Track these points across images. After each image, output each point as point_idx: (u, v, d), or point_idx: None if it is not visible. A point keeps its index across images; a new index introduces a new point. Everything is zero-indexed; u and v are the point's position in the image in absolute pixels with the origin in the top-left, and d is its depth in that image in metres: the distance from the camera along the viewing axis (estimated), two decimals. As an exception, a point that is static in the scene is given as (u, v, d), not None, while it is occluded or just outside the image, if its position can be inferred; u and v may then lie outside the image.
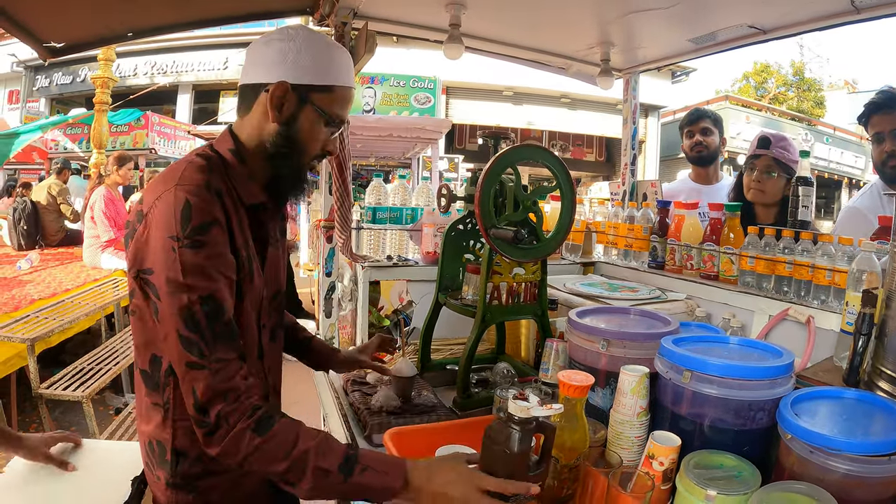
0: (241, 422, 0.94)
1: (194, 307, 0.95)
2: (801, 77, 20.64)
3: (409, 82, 12.60)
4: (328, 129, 1.15)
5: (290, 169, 1.15)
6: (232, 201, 1.07)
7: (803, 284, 1.66)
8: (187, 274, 0.95)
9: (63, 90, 14.62)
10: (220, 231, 1.00)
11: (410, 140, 6.21)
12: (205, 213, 0.98)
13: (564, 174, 1.41)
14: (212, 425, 0.94)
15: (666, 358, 1.14)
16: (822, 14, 1.81)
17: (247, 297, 1.10)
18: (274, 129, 1.11)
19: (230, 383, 0.96)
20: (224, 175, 1.09)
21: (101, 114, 6.86)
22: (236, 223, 1.07)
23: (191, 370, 0.95)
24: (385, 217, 2.35)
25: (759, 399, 1.05)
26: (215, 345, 0.96)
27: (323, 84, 1.11)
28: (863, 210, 2.07)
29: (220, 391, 0.94)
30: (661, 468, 1.01)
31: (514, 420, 0.90)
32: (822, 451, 0.89)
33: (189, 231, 0.96)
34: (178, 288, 0.95)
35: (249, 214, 1.13)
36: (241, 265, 1.07)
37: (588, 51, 2.31)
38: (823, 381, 1.29)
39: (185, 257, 0.95)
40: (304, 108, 1.11)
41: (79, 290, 4.29)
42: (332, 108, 1.13)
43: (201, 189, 1.00)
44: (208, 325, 0.96)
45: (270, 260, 1.21)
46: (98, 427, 3.00)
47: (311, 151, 1.15)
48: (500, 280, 1.46)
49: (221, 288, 0.99)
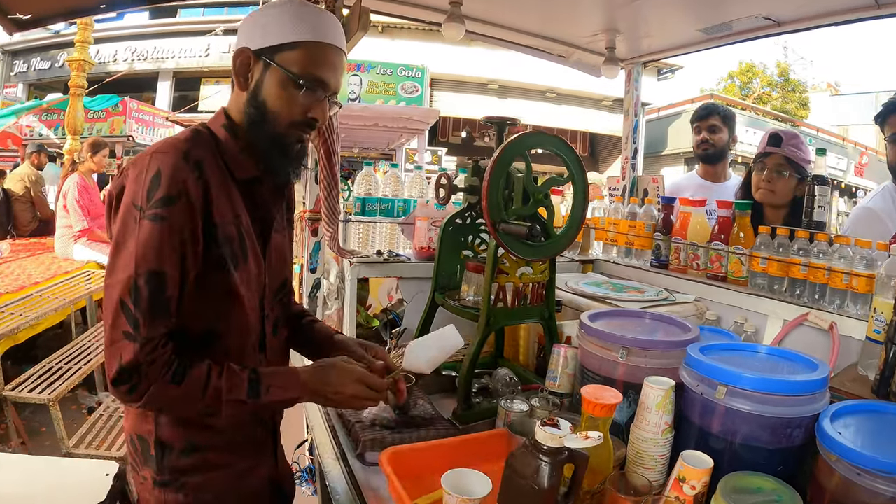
0: (162, 376, 0.95)
1: (139, 280, 0.94)
2: (785, 78, 20.81)
3: (397, 70, 12.41)
4: (306, 93, 1.05)
5: (267, 139, 1.07)
6: (218, 173, 1.03)
7: (818, 288, 1.58)
8: (140, 246, 0.94)
9: (41, 75, 14.31)
10: (186, 204, 0.96)
11: (396, 130, 6.06)
12: (174, 183, 0.95)
13: (578, 165, 1.29)
14: (132, 383, 0.94)
15: (694, 369, 1.04)
16: (842, 8, 1.73)
17: (239, 276, 1.05)
18: (245, 99, 1.07)
19: (154, 354, 0.95)
20: (213, 149, 1.05)
21: (76, 98, 6.59)
22: (221, 195, 1.02)
23: (123, 340, 0.94)
24: (375, 209, 2.22)
25: (797, 416, 0.96)
26: (153, 321, 0.95)
27: (287, 42, 1.03)
28: (877, 211, 1.99)
29: (144, 361, 0.94)
30: (692, 492, 0.91)
31: (543, 450, 0.79)
32: (872, 474, 0.81)
33: (153, 202, 0.94)
34: (128, 257, 0.94)
35: (243, 190, 1.08)
36: (228, 239, 1.03)
37: (592, 38, 2.19)
38: (854, 392, 1.20)
39: (143, 230, 0.94)
40: (269, 70, 1.04)
41: (48, 284, 4.09)
42: (304, 68, 1.04)
43: (178, 158, 0.97)
44: (149, 300, 0.94)
45: (275, 247, 1.17)
46: (68, 430, 2.82)
47: (285, 117, 1.06)
48: (506, 280, 1.35)
49: (171, 265, 0.96)
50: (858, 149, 14.76)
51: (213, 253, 1.01)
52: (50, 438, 3.15)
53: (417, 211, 2.08)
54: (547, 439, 0.79)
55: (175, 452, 1.06)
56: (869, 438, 0.92)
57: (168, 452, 1.06)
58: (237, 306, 1.06)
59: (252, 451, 1.15)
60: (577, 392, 1.31)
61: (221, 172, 1.04)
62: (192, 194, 0.97)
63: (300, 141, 1.11)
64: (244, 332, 1.09)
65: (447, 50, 12.42)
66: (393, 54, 12.24)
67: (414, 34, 12.67)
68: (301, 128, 1.09)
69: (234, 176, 1.06)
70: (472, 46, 11.71)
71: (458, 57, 12.49)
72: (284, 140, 1.08)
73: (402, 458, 1.04)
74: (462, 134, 14.32)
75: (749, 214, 1.84)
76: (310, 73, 1.04)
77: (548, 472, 0.78)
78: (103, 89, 9.62)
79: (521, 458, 0.81)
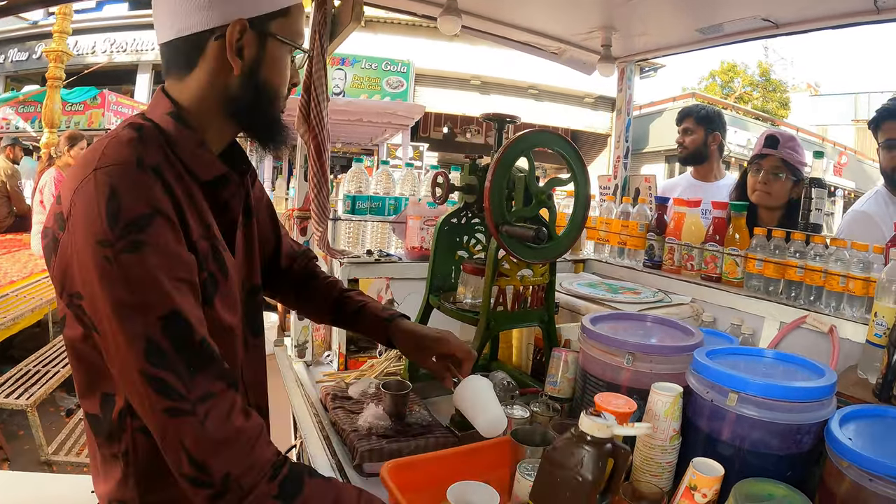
0: (261, 485, 0.74)
1: (154, 334, 0.73)
2: (766, 78, 21.08)
3: (382, 65, 12.30)
4: (294, 60, 0.97)
5: (267, 121, 0.94)
6: (178, 178, 0.84)
7: (815, 290, 1.57)
8: (134, 290, 0.72)
9: (18, 67, 13.90)
10: (165, 223, 0.77)
11: (380, 126, 6.02)
12: (139, 200, 0.75)
13: (580, 165, 1.26)
14: (218, 486, 0.73)
15: (703, 375, 1.02)
16: (842, 12, 1.72)
17: (218, 301, 0.88)
18: (237, 82, 0.89)
19: (230, 426, 0.75)
20: (165, 147, 0.84)
21: (53, 90, 6.41)
22: (189, 207, 0.84)
23: (172, 419, 0.72)
24: (365, 207, 2.17)
25: (806, 422, 0.95)
26: (194, 378, 0.74)
27: (279, 8, 0.90)
28: (871, 215, 2.00)
29: (220, 439, 0.73)
30: (703, 500, 0.90)
31: (588, 440, 0.74)
32: (884, 480, 0.80)
33: (122, 230, 0.73)
34: (127, 311, 0.73)
35: (207, 193, 0.90)
36: (204, 261, 0.85)
37: (587, 35, 2.17)
38: (856, 396, 1.20)
39: (127, 267, 0.72)
40: (267, 43, 0.89)
41: (24, 283, 3.98)
42: (296, 34, 0.93)
43: (130, 169, 0.76)
44: (179, 354, 0.74)
45: (241, 247, 1.01)
46: (47, 435, 2.73)
47: (280, 92, 0.95)
48: (507, 283, 1.31)
49: (183, 299, 0.76)
50: (837, 149, 15.01)
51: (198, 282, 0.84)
52: (28, 443, 3.06)
53: (409, 209, 2.04)
54: (594, 429, 0.74)
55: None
56: (877, 443, 0.91)
57: None
58: (226, 335, 0.90)
59: None
60: (577, 397, 1.29)
61: (179, 176, 0.84)
62: (165, 209, 0.77)
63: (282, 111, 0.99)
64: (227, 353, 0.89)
65: (429, 45, 12.36)
66: (377, 49, 12.13)
67: (396, 28, 12.58)
68: (285, 99, 0.97)
69: (195, 177, 0.88)
70: (454, 42, 11.67)
71: (441, 52, 12.44)
72: (279, 117, 0.97)
73: (405, 470, 0.99)
74: (444, 129, 14.29)
75: (745, 216, 1.83)
76: (298, 36, 0.94)
77: (593, 463, 0.73)
78: (81, 81, 9.40)
79: (565, 448, 0.76)
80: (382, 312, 1.23)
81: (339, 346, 1.85)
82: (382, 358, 1.82)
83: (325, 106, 1.87)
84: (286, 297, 1.32)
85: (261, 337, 1.09)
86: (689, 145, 2.71)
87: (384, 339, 1.23)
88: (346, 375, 1.76)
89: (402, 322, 1.22)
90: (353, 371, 1.81)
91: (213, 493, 0.73)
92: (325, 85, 1.83)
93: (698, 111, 2.71)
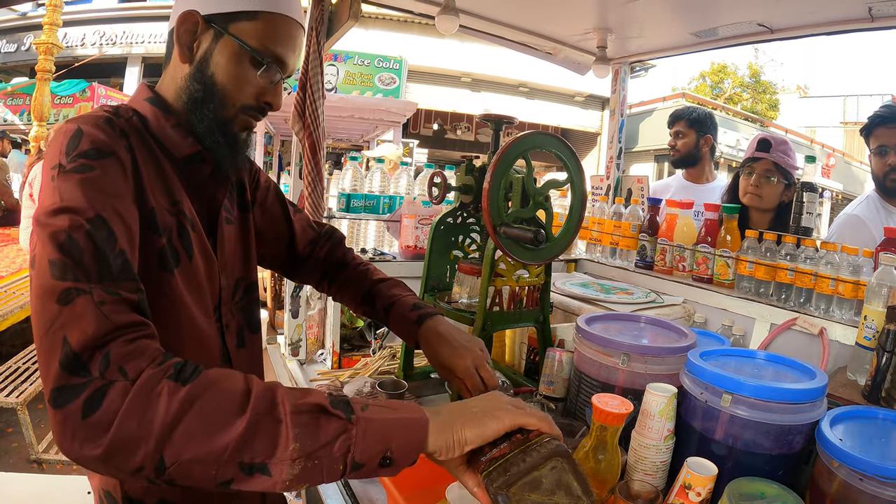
0: (149, 368, 0.62)
1: (74, 233, 0.67)
2: (756, 79, 21.24)
3: (374, 61, 12.27)
4: (263, 72, 0.90)
5: (211, 122, 0.89)
6: (148, 150, 0.85)
7: (805, 292, 1.60)
8: (65, 198, 0.69)
9: (7, 59, 13.71)
10: (119, 166, 0.77)
11: (372, 122, 6.01)
12: (99, 141, 0.76)
13: (577, 167, 1.27)
14: (90, 388, 0.59)
15: (697, 376, 1.03)
16: (836, 19, 1.75)
17: (182, 276, 0.86)
18: (187, 72, 0.89)
19: (126, 317, 0.65)
20: (138, 124, 0.86)
21: (42, 83, 6.33)
22: (154, 174, 0.84)
23: (62, 308, 0.63)
24: (360, 206, 2.17)
25: (798, 423, 0.96)
26: (105, 274, 0.67)
27: (245, 9, 0.87)
28: (863, 219, 2.03)
29: (112, 328, 0.63)
30: (697, 499, 0.91)
31: None
32: (874, 480, 0.82)
33: (75, 155, 0.73)
34: (52, 215, 0.68)
35: (181, 172, 0.91)
36: (166, 229, 0.84)
37: (583, 36, 2.18)
38: (846, 398, 1.22)
39: (68, 182, 0.71)
40: (221, 41, 0.87)
41: (13, 279, 3.93)
42: (263, 42, 0.88)
43: (100, 122, 0.78)
44: (95, 250, 0.67)
45: (228, 240, 1.00)
46: (37, 432, 2.71)
47: (235, 97, 0.90)
48: (503, 284, 1.32)
49: (115, 216, 0.72)
50: (825, 150, 15.17)
51: (150, 245, 0.81)
52: (17, 440, 3.04)
53: (404, 208, 2.04)
54: None
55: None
56: (867, 444, 0.93)
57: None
58: (184, 316, 0.87)
59: (235, 496, 0.99)
60: (571, 397, 1.30)
61: (151, 151, 0.86)
62: (123, 158, 0.78)
63: (247, 128, 0.95)
64: (199, 349, 0.89)
65: (420, 41, 12.35)
66: (369, 45, 12.10)
67: (389, 24, 12.55)
68: (251, 113, 0.93)
69: (168, 156, 0.89)
70: (445, 39, 11.66)
71: (431, 49, 12.44)
72: (231, 125, 0.92)
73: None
74: (434, 126, 14.27)
75: (736, 218, 1.85)
76: (269, 48, 0.89)
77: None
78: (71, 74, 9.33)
79: None
80: (412, 312, 1.12)
81: (333, 345, 1.86)
82: (376, 357, 1.82)
83: (321, 104, 1.87)
84: (317, 285, 1.29)
85: (258, 334, 1.10)
86: (682, 148, 2.73)
87: (414, 343, 1.12)
88: (341, 374, 1.77)
89: (430, 327, 1.09)
90: (347, 370, 1.82)
91: (85, 399, 0.60)
92: (321, 83, 1.83)
93: (689, 114, 2.72)
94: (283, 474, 0.61)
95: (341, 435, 0.64)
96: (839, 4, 1.63)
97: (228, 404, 0.62)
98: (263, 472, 0.61)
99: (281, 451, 0.61)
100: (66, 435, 0.59)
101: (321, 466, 0.63)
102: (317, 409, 0.64)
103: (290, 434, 0.62)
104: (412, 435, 0.68)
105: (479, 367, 1.04)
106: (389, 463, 0.66)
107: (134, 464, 0.59)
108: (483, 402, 0.75)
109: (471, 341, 1.07)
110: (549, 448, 0.71)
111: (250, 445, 0.61)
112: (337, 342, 1.85)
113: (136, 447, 0.59)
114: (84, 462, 0.60)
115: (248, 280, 1.08)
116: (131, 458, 0.59)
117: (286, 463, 0.61)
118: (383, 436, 0.66)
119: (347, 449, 0.64)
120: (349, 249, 1.30)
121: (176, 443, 0.59)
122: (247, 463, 0.61)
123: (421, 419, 0.70)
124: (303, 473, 0.62)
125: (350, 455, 0.64)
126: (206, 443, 0.60)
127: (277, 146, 10.33)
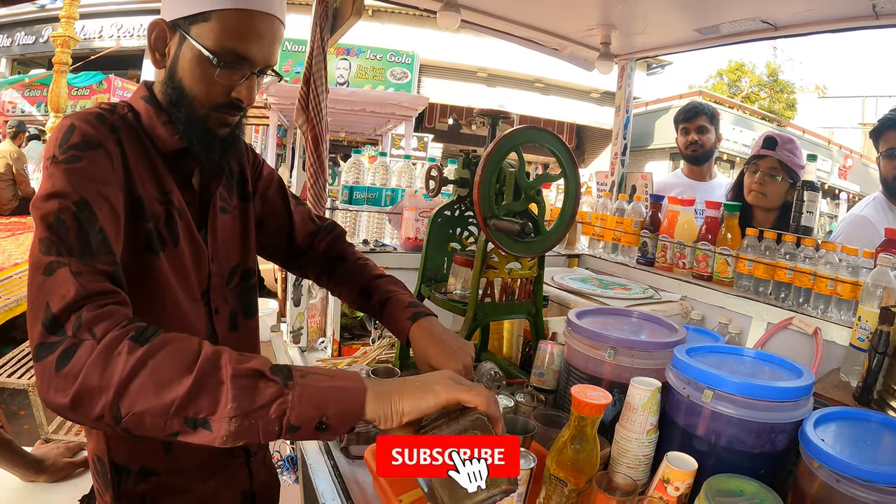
0: (114, 330, 0.69)
1: (62, 214, 0.76)
2: (774, 79, 20.95)
3: (387, 56, 12.27)
4: (223, 71, 0.91)
5: (186, 121, 0.94)
6: (138, 145, 0.92)
7: (803, 292, 1.59)
8: (57, 185, 0.79)
9: (25, 51, 13.88)
10: (106, 158, 0.85)
11: (384, 116, 6.02)
12: (89, 135, 0.84)
13: (570, 161, 1.28)
14: (64, 345, 0.68)
15: (681, 371, 1.04)
16: (840, 16, 1.73)
17: (168, 261, 0.92)
18: (163, 78, 0.95)
19: (99, 285, 0.73)
20: (133, 122, 0.94)
21: (59, 75, 6.39)
22: (143, 167, 0.92)
23: (46, 278, 0.72)
24: (362, 198, 2.19)
25: (781, 421, 0.96)
26: (85, 249, 0.75)
27: (197, 12, 0.89)
28: (870, 220, 2.01)
29: (85, 294, 0.71)
30: (675, 493, 0.92)
31: None
32: (852, 482, 0.82)
33: (66, 148, 0.82)
34: (44, 200, 0.78)
35: (172, 165, 0.97)
36: (154, 216, 0.91)
37: (587, 32, 2.18)
38: (836, 398, 1.22)
39: (58, 171, 0.80)
40: (185, 44, 0.91)
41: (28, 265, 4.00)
42: (219, 41, 0.89)
43: (92, 118, 0.87)
44: (78, 229, 0.76)
45: (221, 228, 1.05)
46: (47, 415, 2.76)
47: (203, 98, 0.93)
48: (495, 275, 1.33)
49: (99, 199, 0.81)
50: (843, 151, 14.94)
51: (137, 229, 0.88)
52: (28, 422, 3.11)
53: (405, 201, 2.05)
54: None
55: (133, 477, 0.95)
56: (850, 445, 0.92)
57: (125, 477, 0.95)
58: (169, 298, 0.92)
59: (219, 470, 1.06)
60: (561, 389, 1.31)
61: (143, 145, 0.93)
62: (111, 151, 0.86)
63: (225, 124, 0.98)
64: (181, 330, 0.86)
65: (436, 36, 12.30)
66: (382, 39, 12.09)
67: (403, 19, 12.53)
68: (225, 110, 0.95)
69: (159, 150, 0.95)
70: (461, 33, 11.61)
71: (447, 44, 12.39)
72: (206, 125, 0.95)
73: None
74: (449, 121, 14.24)
75: (737, 216, 1.85)
76: (226, 46, 0.90)
77: None
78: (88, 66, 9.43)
79: None
80: (405, 311, 1.12)
81: (334, 333, 1.88)
82: (375, 346, 1.84)
83: (324, 98, 1.89)
84: (315, 277, 1.32)
85: (253, 319, 1.14)
86: (706, 143, 2.65)
87: (405, 340, 1.11)
88: (340, 362, 1.79)
89: (422, 326, 1.09)
90: (347, 357, 1.84)
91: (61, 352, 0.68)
92: (324, 77, 1.85)
93: (709, 109, 2.66)
94: (223, 430, 0.67)
95: (277, 399, 0.69)
96: (843, 1, 1.62)
97: (178, 364, 0.68)
98: (206, 427, 0.67)
99: (221, 410, 0.67)
100: (43, 385, 0.68)
101: (257, 426, 0.68)
102: (255, 373, 0.70)
103: (229, 394, 0.67)
104: (348, 403, 0.73)
105: (467, 374, 1.03)
106: (326, 427, 0.71)
107: (95, 412, 0.67)
108: (425, 378, 0.80)
109: (461, 346, 1.07)
110: (469, 419, 0.77)
111: (194, 402, 0.67)
112: (337, 331, 1.87)
113: (97, 398, 0.66)
114: (56, 409, 0.68)
115: (246, 267, 1.12)
116: (93, 407, 0.66)
117: (224, 420, 0.67)
118: (319, 402, 0.71)
119: (283, 412, 0.69)
120: (350, 244, 1.32)
121: (131, 395, 0.66)
122: (191, 418, 0.67)
123: (358, 388, 0.74)
124: (239, 431, 0.68)
125: (286, 418, 0.69)
126: (156, 397, 0.66)
127: (291, 139, 10.38)
